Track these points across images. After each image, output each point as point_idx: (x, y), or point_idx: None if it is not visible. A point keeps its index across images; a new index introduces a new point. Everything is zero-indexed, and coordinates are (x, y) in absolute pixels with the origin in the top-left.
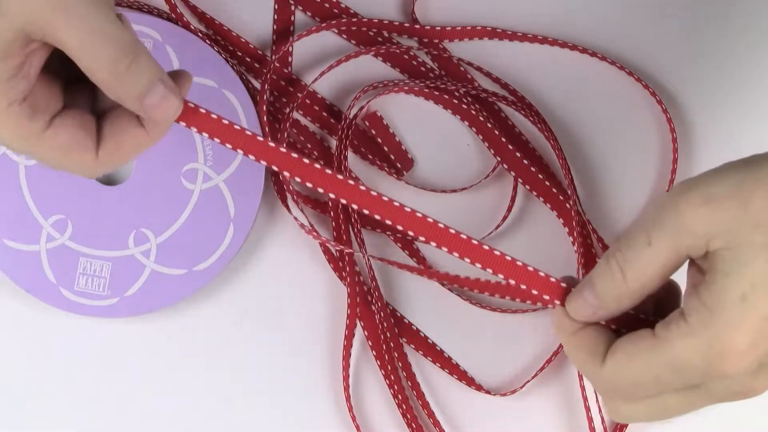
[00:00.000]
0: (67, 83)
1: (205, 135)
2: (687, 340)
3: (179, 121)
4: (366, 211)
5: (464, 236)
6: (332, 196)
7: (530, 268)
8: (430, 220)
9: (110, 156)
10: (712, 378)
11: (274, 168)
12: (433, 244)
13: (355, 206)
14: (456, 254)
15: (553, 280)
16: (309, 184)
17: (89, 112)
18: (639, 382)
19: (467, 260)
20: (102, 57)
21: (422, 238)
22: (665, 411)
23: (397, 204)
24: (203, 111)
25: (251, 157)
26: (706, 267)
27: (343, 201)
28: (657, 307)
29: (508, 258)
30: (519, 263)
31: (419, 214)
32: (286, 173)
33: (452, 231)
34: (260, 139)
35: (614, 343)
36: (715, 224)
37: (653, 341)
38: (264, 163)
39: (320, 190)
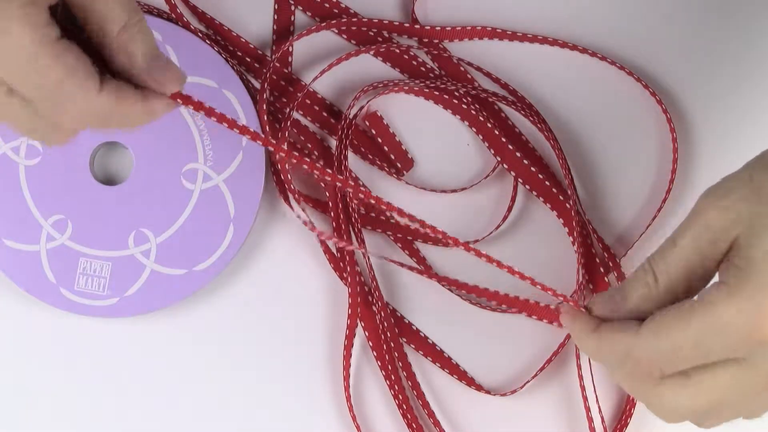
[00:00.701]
0: None
1: (202, 113)
2: (727, 301)
3: (176, 98)
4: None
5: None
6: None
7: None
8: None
9: (110, 102)
10: (756, 344)
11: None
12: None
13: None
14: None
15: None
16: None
17: None
18: (679, 347)
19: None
20: (119, 7)
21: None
22: (714, 393)
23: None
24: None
25: (247, 136)
26: (730, 254)
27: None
28: None
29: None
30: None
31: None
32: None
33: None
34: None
35: (650, 316)
36: (731, 214)
37: (694, 305)
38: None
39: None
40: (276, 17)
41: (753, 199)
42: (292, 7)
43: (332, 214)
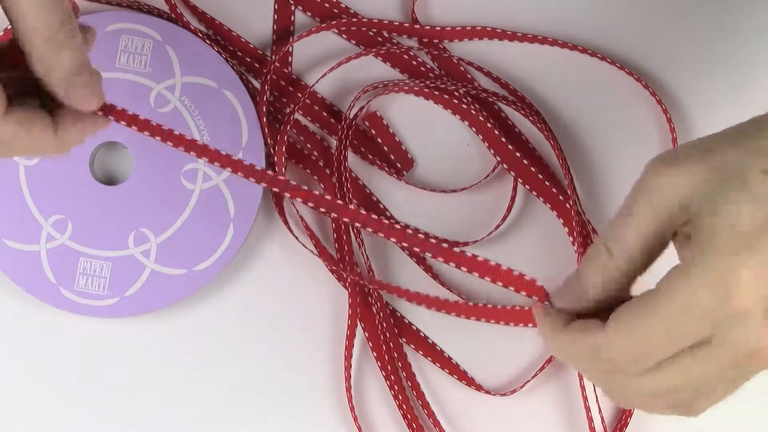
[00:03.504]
0: None
1: (134, 128)
2: (691, 279)
3: (106, 114)
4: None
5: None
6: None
7: (515, 273)
8: (421, 235)
9: (15, 128)
10: (723, 320)
11: (216, 164)
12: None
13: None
14: (440, 259)
15: (538, 283)
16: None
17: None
18: (649, 339)
19: (452, 265)
20: (47, 17)
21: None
22: (688, 378)
23: (386, 222)
24: (129, 112)
25: (192, 154)
26: (691, 226)
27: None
28: None
29: (492, 263)
30: (503, 267)
31: (410, 231)
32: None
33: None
34: (188, 138)
35: (613, 312)
36: (683, 180)
37: (655, 294)
38: (193, 154)
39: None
40: (276, 17)
41: (709, 163)
42: (292, 7)
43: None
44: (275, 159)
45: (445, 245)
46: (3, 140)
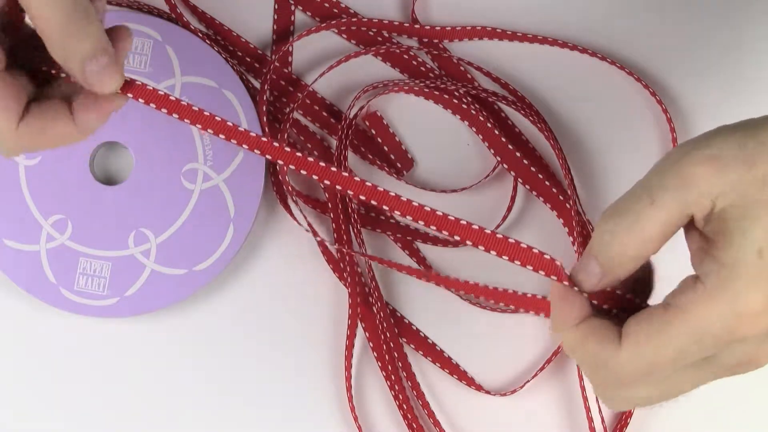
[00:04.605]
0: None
1: (153, 106)
2: (708, 305)
3: (125, 92)
4: (350, 193)
5: (463, 222)
6: (279, 162)
7: (535, 250)
8: (427, 208)
9: (31, 135)
10: (727, 344)
11: (233, 142)
12: (433, 228)
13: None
14: (457, 237)
15: (557, 263)
16: (268, 156)
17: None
18: (662, 360)
19: (469, 243)
20: (60, 7)
21: (422, 223)
22: (677, 389)
23: (392, 194)
24: (149, 87)
25: (209, 131)
26: (712, 229)
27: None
28: (635, 286)
29: (511, 240)
30: (523, 245)
31: (415, 203)
32: (244, 146)
33: (451, 217)
34: (207, 113)
35: (624, 327)
36: (721, 182)
37: (671, 313)
38: (222, 137)
39: (268, 157)
40: (276, 17)
41: (747, 177)
42: (293, 8)
43: (332, 215)
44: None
45: (451, 217)
46: (24, 146)
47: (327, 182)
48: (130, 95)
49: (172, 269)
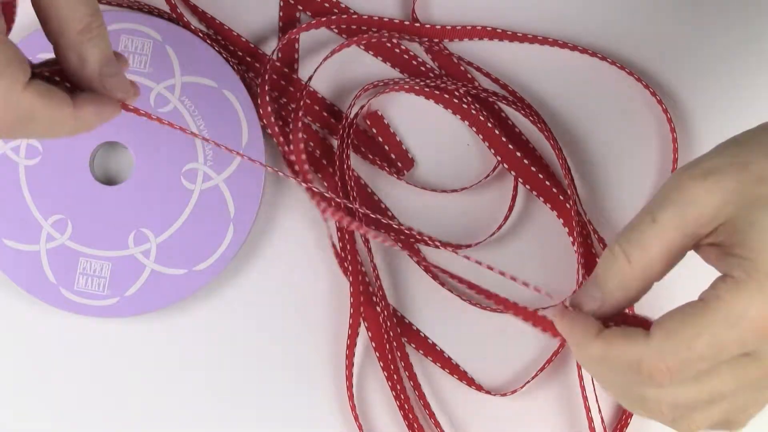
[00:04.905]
0: None
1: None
2: (739, 292)
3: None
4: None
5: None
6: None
7: (529, 309)
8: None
9: (37, 98)
10: (764, 335)
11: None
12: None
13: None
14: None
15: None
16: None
17: None
18: (697, 350)
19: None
20: (83, 8)
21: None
22: (717, 390)
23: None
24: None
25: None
26: (724, 236)
27: None
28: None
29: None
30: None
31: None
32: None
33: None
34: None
35: (656, 321)
36: (720, 192)
37: (703, 303)
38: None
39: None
40: (281, 14)
41: (743, 178)
42: (299, 8)
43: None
44: (294, 158)
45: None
46: (23, 112)
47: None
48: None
49: (172, 269)
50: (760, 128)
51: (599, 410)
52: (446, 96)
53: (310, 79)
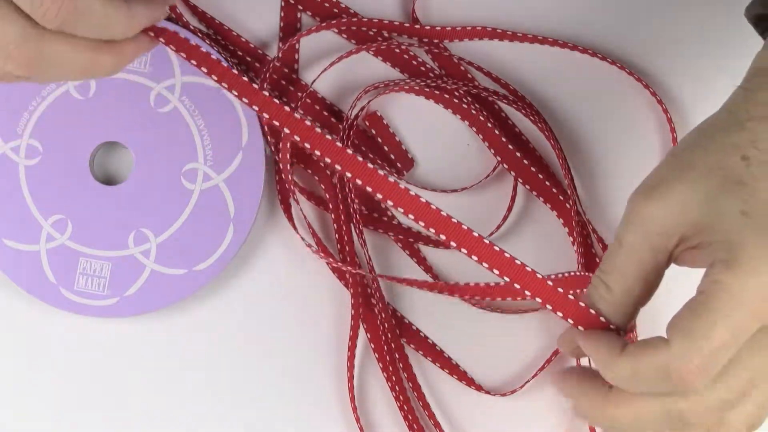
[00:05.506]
0: None
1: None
2: (733, 271)
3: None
4: (359, 182)
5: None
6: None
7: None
8: (444, 213)
9: (140, 9)
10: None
11: (255, 107)
12: (442, 237)
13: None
14: (475, 258)
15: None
16: (297, 137)
17: None
18: (717, 340)
19: (485, 265)
20: None
21: (426, 227)
22: (750, 380)
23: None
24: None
25: (234, 93)
26: (697, 240)
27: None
28: None
29: (536, 273)
30: (544, 279)
31: (423, 200)
32: (264, 115)
33: (475, 234)
34: (244, 79)
35: (669, 325)
36: (672, 200)
37: (704, 295)
38: (245, 101)
39: (296, 138)
40: (282, 14)
41: (691, 177)
42: (299, 7)
43: (333, 215)
44: (279, 158)
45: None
46: (79, 6)
47: (328, 160)
48: (161, 40)
49: (172, 269)
50: (692, 132)
51: None
52: (446, 96)
53: (313, 83)
